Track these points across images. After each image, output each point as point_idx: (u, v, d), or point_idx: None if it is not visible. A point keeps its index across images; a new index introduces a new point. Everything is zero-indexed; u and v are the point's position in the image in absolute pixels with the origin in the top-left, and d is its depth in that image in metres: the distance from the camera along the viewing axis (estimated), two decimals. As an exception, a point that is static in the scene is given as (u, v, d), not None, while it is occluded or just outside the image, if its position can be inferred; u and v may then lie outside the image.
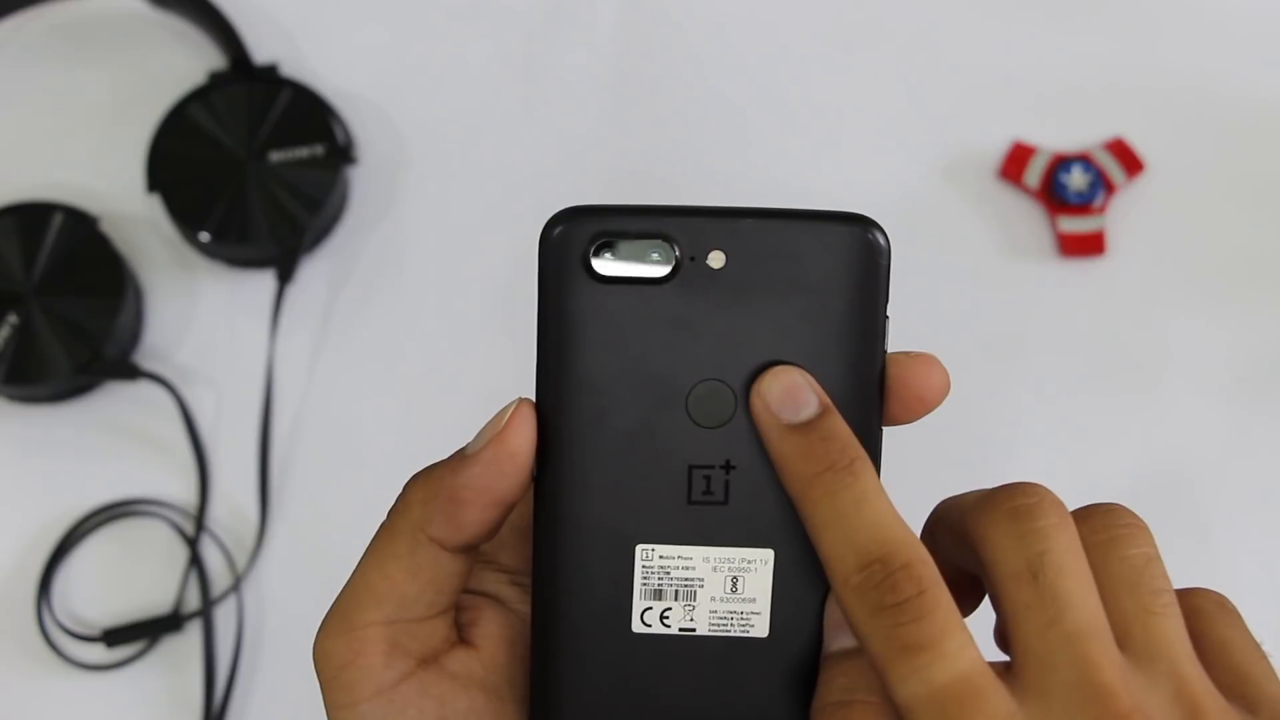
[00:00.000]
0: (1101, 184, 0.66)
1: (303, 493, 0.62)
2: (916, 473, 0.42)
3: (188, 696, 0.59)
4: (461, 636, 0.32)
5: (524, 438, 0.29)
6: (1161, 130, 0.68)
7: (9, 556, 0.61)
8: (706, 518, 0.30)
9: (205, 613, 0.60)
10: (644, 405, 0.30)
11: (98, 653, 0.60)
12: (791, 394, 0.29)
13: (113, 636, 0.59)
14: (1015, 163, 0.67)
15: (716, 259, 0.29)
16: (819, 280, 0.30)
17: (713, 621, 0.30)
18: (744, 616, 0.30)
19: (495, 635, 0.32)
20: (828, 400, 0.29)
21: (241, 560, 0.61)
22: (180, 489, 0.62)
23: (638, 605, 0.30)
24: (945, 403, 0.63)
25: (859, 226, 0.30)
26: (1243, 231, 0.67)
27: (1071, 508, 0.30)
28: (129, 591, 0.61)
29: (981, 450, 0.63)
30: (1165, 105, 0.68)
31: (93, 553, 0.61)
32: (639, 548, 0.30)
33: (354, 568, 0.31)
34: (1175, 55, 0.69)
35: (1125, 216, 0.66)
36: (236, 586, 0.60)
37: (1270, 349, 0.65)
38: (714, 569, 0.30)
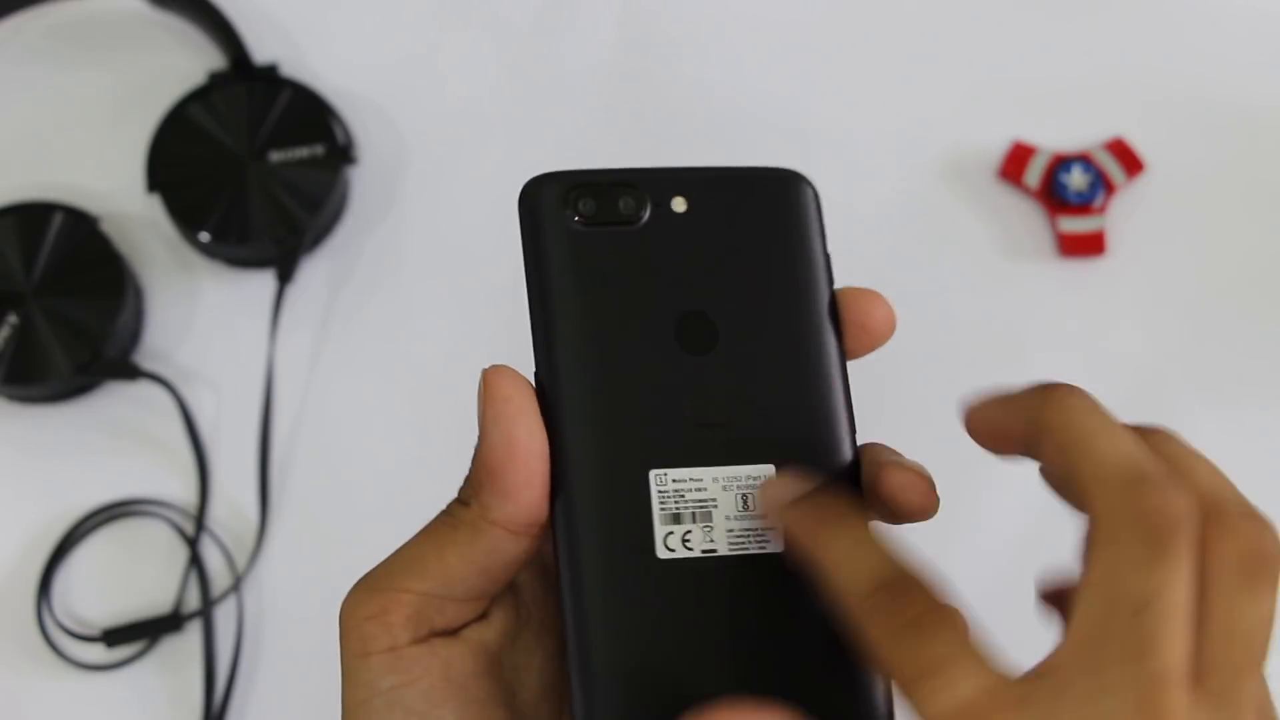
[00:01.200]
0: (1101, 184, 0.66)
1: (303, 493, 0.62)
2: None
3: (188, 696, 0.59)
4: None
5: (507, 383, 0.31)
6: (1161, 130, 0.68)
7: (9, 556, 0.61)
8: (710, 439, 0.31)
9: (205, 613, 0.60)
10: (634, 337, 0.32)
11: (98, 653, 0.60)
12: (779, 487, 0.31)
13: (113, 636, 0.59)
14: (1015, 163, 0.67)
15: (679, 204, 0.33)
16: (764, 221, 0.33)
17: (731, 541, 0.31)
18: (759, 533, 0.31)
19: (504, 605, 0.32)
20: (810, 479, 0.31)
21: (241, 560, 0.61)
22: (180, 489, 0.62)
23: (659, 531, 0.31)
24: (945, 403, 0.63)
25: (786, 175, 0.34)
26: (1243, 231, 0.67)
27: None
28: (129, 591, 0.61)
29: (981, 450, 0.63)
30: (1165, 105, 0.68)
31: (93, 553, 0.61)
32: (652, 473, 0.31)
33: (405, 542, 0.32)
34: (1175, 55, 0.69)
35: (1125, 216, 0.66)
36: (236, 586, 0.61)
37: (1270, 349, 0.65)
38: (724, 488, 0.31)
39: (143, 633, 0.59)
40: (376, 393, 0.64)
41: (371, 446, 0.63)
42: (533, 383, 0.32)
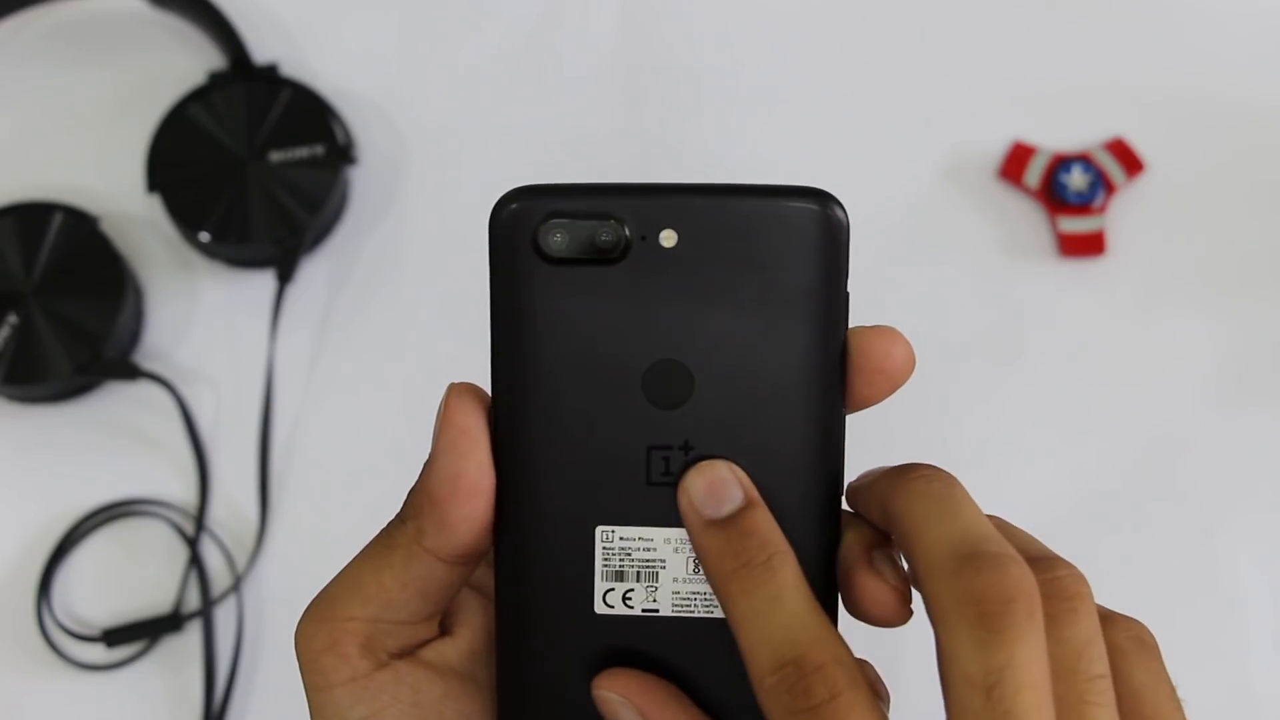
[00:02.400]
0: (1101, 184, 0.66)
1: (303, 493, 0.62)
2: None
3: (188, 696, 0.59)
4: (441, 625, 0.32)
5: (467, 413, 0.30)
6: (1161, 130, 0.68)
7: (9, 556, 0.61)
8: (666, 499, 0.30)
9: (205, 613, 0.60)
10: (599, 387, 0.30)
11: (98, 653, 0.60)
12: (714, 489, 0.29)
13: (113, 636, 0.59)
14: (1015, 163, 0.67)
15: (668, 238, 0.29)
16: (776, 257, 0.29)
17: (675, 603, 0.30)
18: (707, 597, 0.30)
19: (474, 623, 0.32)
20: (754, 494, 0.29)
21: (241, 560, 0.61)
22: (180, 489, 0.62)
23: (599, 587, 0.30)
24: (945, 402, 0.63)
25: (816, 202, 0.29)
26: (1242, 231, 0.67)
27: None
28: (129, 591, 0.61)
29: (981, 450, 0.63)
30: (1165, 105, 0.68)
31: (93, 553, 0.61)
32: (599, 529, 0.30)
33: (347, 563, 0.31)
34: (1175, 55, 0.69)
35: (1125, 216, 0.66)
36: (236, 586, 0.61)
37: (1270, 349, 0.65)
38: (675, 550, 0.30)
39: (143, 633, 0.59)
40: (376, 392, 0.64)
41: (371, 446, 0.63)
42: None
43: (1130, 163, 0.67)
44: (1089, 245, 0.65)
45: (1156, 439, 0.63)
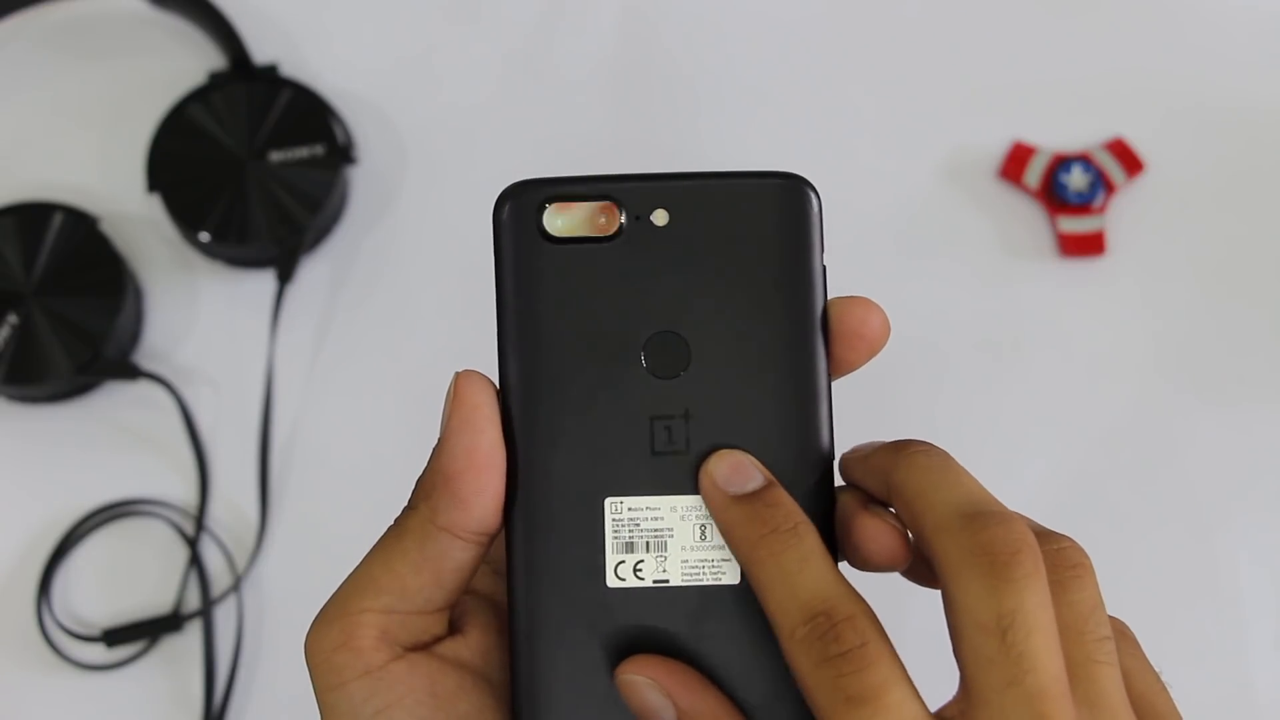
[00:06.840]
0: (1101, 184, 0.66)
1: (303, 492, 0.62)
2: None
3: (188, 696, 0.59)
4: (451, 626, 0.32)
5: (478, 391, 0.31)
6: (1161, 130, 0.68)
7: (9, 556, 0.61)
8: (670, 467, 0.31)
9: (205, 613, 0.60)
10: (602, 359, 0.31)
11: (98, 653, 0.60)
12: (737, 470, 0.31)
13: (113, 636, 0.59)
14: (1015, 163, 0.67)
15: (660, 217, 0.32)
16: (757, 232, 0.32)
17: (685, 571, 0.31)
18: (715, 564, 0.31)
19: (482, 624, 0.32)
20: (772, 477, 0.31)
21: (241, 560, 0.61)
22: (180, 489, 0.62)
23: (610, 560, 0.31)
24: (945, 402, 0.63)
25: (790, 182, 0.32)
26: (1242, 231, 0.67)
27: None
28: (129, 591, 0.61)
29: (981, 449, 0.62)
30: (1165, 105, 0.68)
31: (93, 553, 0.61)
32: (607, 501, 0.31)
33: (357, 565, 0.31)
34: (1175, 55, 0.69)
35: (1125, 216, 0.67)
36: (236, 586, 0.61)
37: (1270, 348, 0.65)
38: (682, 518, 0.31)
39: (143, 633, 0.59)
40: (376, 392, 0.64)
41: (371, 446, 0.63)
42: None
43: (1130, 163, 0.67)
44: (1089, 245, 0.65)
45: (1156, 438, 0.63)
